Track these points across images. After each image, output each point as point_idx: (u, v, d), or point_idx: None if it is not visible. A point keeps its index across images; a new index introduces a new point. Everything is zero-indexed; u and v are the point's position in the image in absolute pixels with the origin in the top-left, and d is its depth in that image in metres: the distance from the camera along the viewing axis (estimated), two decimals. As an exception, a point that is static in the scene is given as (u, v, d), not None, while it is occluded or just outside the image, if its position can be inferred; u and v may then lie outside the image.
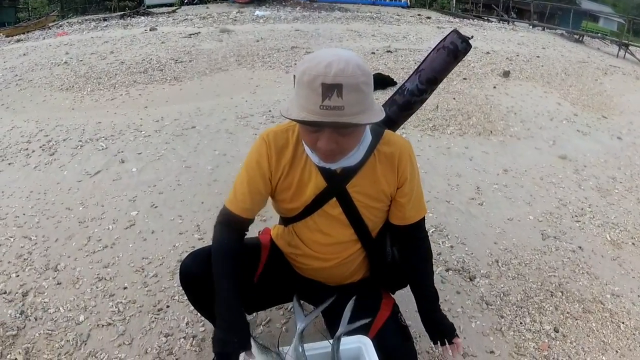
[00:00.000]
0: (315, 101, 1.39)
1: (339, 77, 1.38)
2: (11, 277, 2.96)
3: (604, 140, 6.19)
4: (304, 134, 1.54)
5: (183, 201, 3.89)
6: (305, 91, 1.41)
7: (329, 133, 1.46)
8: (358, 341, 1.65)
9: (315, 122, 1.41)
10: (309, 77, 1.39)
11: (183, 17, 17.86)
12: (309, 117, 1.40)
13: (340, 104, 1.38)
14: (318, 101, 1.38)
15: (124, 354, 2.39)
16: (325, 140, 1.47)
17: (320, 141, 1.48)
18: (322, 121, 1.39)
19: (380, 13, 21.26)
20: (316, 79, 1.38)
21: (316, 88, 1.38)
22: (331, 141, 1.47)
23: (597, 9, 32.24)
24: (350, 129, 1.47)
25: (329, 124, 1.41)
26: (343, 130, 1.47)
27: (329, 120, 1.38)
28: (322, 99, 1.38)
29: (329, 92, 1.38)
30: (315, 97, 1.38)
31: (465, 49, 2.22)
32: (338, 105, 1.38)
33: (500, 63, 9.89)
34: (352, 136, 1.51)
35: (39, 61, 9.58)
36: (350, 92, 1.38)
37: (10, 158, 4.74)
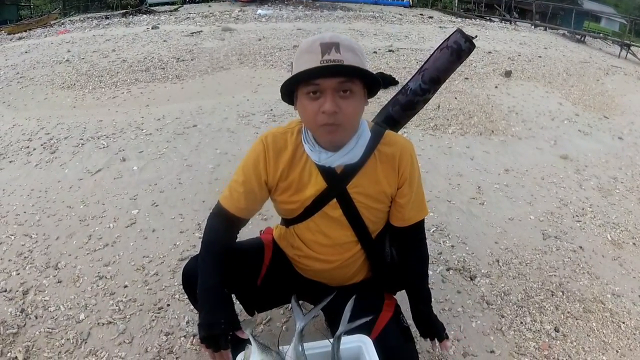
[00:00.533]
0: (315, 59, 1.46)
1: (335, 38, 1.50)
2: (12, 275, 2.96)
3: (606, 141, 6.18)
4: (306, 105, 1.53)
5: (184, 200, 3.89)
6: (304, 56, 1.49)
7: (331, 93, 1.48)
8: (358, 340, 1.64)
9: (318, 69, 1.45)
10: (307, 44, 1.51)
11: (185, 16, 17.85)
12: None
13: (339, 57, 1.46)
14: (318, 58, 1.46)
15: (124, 353, 2.39)
16: (329, 100, 1.48)
17: (325, 103, 1.48)
18: (326, 65, 1.45)
19: (382, 12, 21.24)
20: (314, 43, 1.49)
21: (315, 49, 1.47)
22: (334, 103, 1.48)
23: (599, 10, 32.17)
24: (349, 91, 1.50)
25: (330, 67, 1.45)
26: (342, 92, 1.50)
27: (327, 66, 1.45)
28: (322, 55, 1.46)
29: (327, 49, 1.46)
30: (315, 56, 1.46)
31: (469, 48, 2.21)
32: (337, 59, 1.46)
33: (502, 63, 9.89)
34: (352, 100, 1.52)
35: (41, 59, 9.58)
36: (347, 50, 1.48)
37: (11, 156, 4.75)
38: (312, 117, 1.53)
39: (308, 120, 1.57)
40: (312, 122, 1.55)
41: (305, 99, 1.52)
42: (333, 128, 1.53)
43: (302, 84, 1.52)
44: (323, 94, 1.49)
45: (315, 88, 1.48)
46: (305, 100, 1.53)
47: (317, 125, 1.54)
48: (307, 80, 1.49)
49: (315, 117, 1.52)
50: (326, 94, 1.48)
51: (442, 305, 2.80)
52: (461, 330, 2.62)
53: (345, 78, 1.48)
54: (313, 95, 1.50)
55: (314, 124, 1.55)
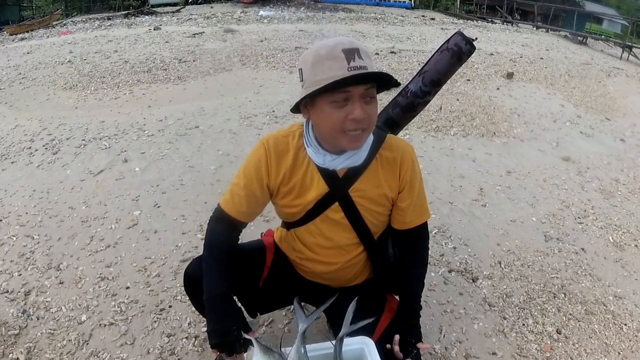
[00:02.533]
0: (341, 66, 1.45)
1: (354, 44, 1.50)
2: (13, 276, 2.96)
3: (607, 142, 6.17)
4: (331, 113, 1.50)
5: (186, 201, 3.89)
6: (327, 62, 1.47)
7: (359, 100, 1.48)
8: (361, 342, 1.64)
9: (351, 78, 1.43)
10: (327, 50, 1.48)
11: (187, 17, 17.90)
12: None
13: (363, 64, 1.46)
14: (344, 65, 1.45)
15: (126, 354, 2.39)
16: (358, 108, 1.48)
17: (354, 111, 1.47)
18: (359, 73, 1.44)
19: (384, 14, 21.30)
20: (335, 48, 1.47)
21: (337, 54, 1.46)
22: (363, 109, 1.48)
23: (601, 11, 32.16)
24: (373, 96, 1.52)
25: (365, 75, 1.45)
26: (368, 98, 1.50)
27: (361, 74, 1.45)
28: (348, 62, 1.45)
29: (351, 55, 1.46)
30: (340, 62, 1.45)
31: (469, 50, 2.21)
32: (363, 65, 1.46)
33: (504, 64, 9.89)
34: (374, 105, 1.54)
35: (43, 60, 9.61)
36: (365, 56, 1.49)
37: (14, 157, 4.75)
38: (339, 125, 1.50)
39: (333, 128, 1.52)
40: (336, 129, 1.52)
41: (329, 107, 1.49)
42: (358, 135, 1.53)
43: (326, 93, 1.48)
44: (350, 101, 1.48)
45: (345, 96, 1.47)
46: (329, 109, 1.50)
47: (343, 132, 1.52)
48: (337, 88, 1.46)
49: (343, 124, 1.50)
50: (354, 101, 1.47)
51: (444, 307, 2.80)
52: (463, 332, 2.61)
53: (371, 84, 1.49)
54: (342, 103, 1.48)
55: (339, 131, 1.52)
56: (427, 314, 2.72)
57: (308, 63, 1.52)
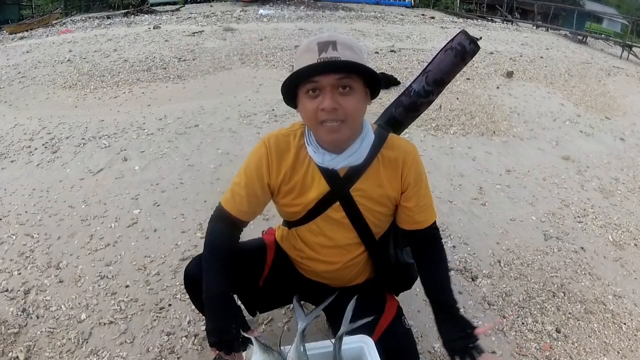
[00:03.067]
0: (312, 57, 1.47)
1: (333, 37, 1.51)
2: (13, 274, 2.96)
3: (607, 141, 6.18)
4: (306, 103, 1.52)
5: (186, 200, 3.89)
6: (303, 56, 1.49)
7: (330, 90, 1.48)
8: (360, 341, 1.64)
9: (314, 66, 1.45)
10: (305, 44, 1.52)
11: (187, 16, 17.88)
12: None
13: (336, 55, 1.46)
14: (315, 57, 1.46)
15: (125, 353, 2.39)
16: (328, 97, 1.47)
17: (324, 100, 1.48)
18: (322, 62, 1.45)
19: (384, 13, 21.28)
20: (311, 42, 1.50)
21: (312, 48, 1.48)
22: (333, 99, 1.47)
23: (601, 10, 32.15)
24: (348, 86, 1.49)
25: (327, 63, 1.45)
26: (341, 88, 1.49)
27: (323, 62, 1.46)
28: (319, 54, 1.46)
29: (324, 47, 1.47)
30: (312, 55, 1.47)
31: (473, 50, 2.20)
32: (335, 56, 1.46)
33: (504, 63, 9.88)
34: (351, 97, 1.51)
35: (42, 59, 9.59)
36: (345, 48, 1.48)
37: (13, 155, 4.75)
38: (312, 115, 1.52)
39: (309, 119, 1.55)
40: (312, 121, 1.54)
41: (305, 98, 1.52)
42: (335, 126, 1.51)
43: (301, 84, 1.51)
44: (322, 92, 1.48)
45: (314, 86, 1.48)
46: (305, 100, 1.52)
47: (317, 123, 1.53)
48: (306, 78, 1.48)
49: (315, 114, 1.51)
50: (325, 91, 1.48)
51: (444, 306, 2.80)
52: (462, 331, 2.61)
53: (343, 74, 1.47)
54: (312, 94, 1.49)
55: (314, 122, 1.53)
56: (427, 312, 2.72)
57: (295, 58, 1.56)
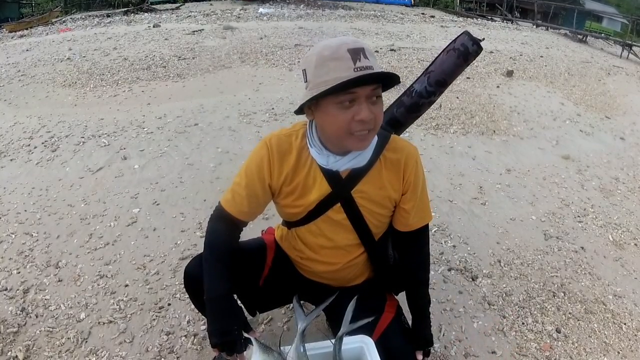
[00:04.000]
0: (347, 66, 1.42)
1: (358, 43, 1.48)
2: (12, 273, 2.96)
3: (607, 141, 6.17)
4: (337, 114, 1.48)
5: (185, 199, 3.89)
6: (331, 63, 1.44)
7: (365, 101, 1.46)
8: (360, 341, 1.64)
9: (357, 78, 1.41)
10: (331, 50, 1.45)
11: (186, 14, 17.88)
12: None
13: (369, 64, 1.44)
14: (350, 65, 1.42)
15: (124, 352, 2.38)
16: (365, 109, 1.46)
17: (361, 112, 1.46)
18: (366, 74, 1.42)
19: (384, 11, 21.29)
20: (340, 48, 1.44)
21: (343, 55, 1.43)
22: (370, 110, 1.46)
23: (601, 9, 32.11)
24: (379, 97, 1.50)
25: (373, 75, 1.43)
26: (375, 98, 1.49)
27: (368, 74, 1.42)
28: (354, 62, 1.42)
29: (356, 55, 1.44)
30: (346, 63, 1.43)
31: (476, 51, 2.19)
32: (369, 65, 1.44)
33: (504, 62, 9.88)
34: (380, 105, 1.52)
35: (42, 57, 9.59)
36: (370, 55, 1.47)
37: (12, 154, 4.74)
38: (345, 126, 1.48)
39: (339, 129, 1.50)
40: (343, 131, 1.50)
41: (335, 108, 1.47)
42: (365, 135, 1.51)
43: (332, 94, 1.46)
44: (356, 102, 1.46)
45: (351, 97, 1.45)
46: (335, 110, 1.48)
47: (350, 134, 1.50)
48: (344, 89, 1.44)
49: (349, 125, 1.48)
50: (361, 102, 1.46)
51: (444, 306, 2.80)
52: (462, 331, 2.61)
53: (377, 84, 1.47)
54: (348, 104, 1.46)
55: (344, 132, 1.50)
56: (427, 312, 2.72)
57: (312, 64, 1.49)
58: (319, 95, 1.46)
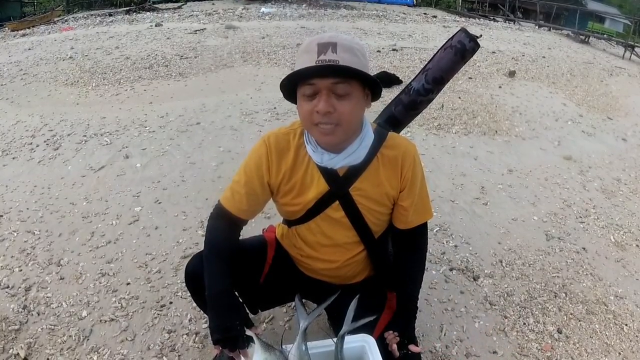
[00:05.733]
0: (310, 59, 1.45)
1: (334, 38, 1.48)
2: (14, 271, 2.96)
3: (609, 142, 6.17)
4: (302, 105, 1.52)
5: (187, 197, 3.89)
6: (302, 56, 1.49)
7: (325, 94, 1.47)
8: (362, 340, 1.64)
9: (311, 69, 1.44)
10: (305, 44, 1.51)
11: (189, 13, 17.86)
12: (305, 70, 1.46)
13: (334, 57, 1.44)
14: (313, 58, 1.45)
15: (126, 350, 2.39)
16: (323, 100, 1.47)
17: (319, 103, 1.47)
18: (319, 65, 1.44)
19: (386, 11, 21.26)
20: (312, 42, 1.48)
21: (312, 48, 1.47)
22: (328, 103, 1.47)
23: (604, 10, 32.12)
24: (345, 91, 1.48)
25: (325, 67, 1.44)
26: (339, 93, 1.48)
27: (320, 65, 1.45)
28: (318, 55, 1.45)
29: (324, 49, 1.45)
30: (311, 56, 1.46)
31: (473, 48, 2.20)
32: (333, 59, 1.44)
33: (506, 63, 9.87)
34: (348, 101, 1.50)
35: (44, 56, 9.59)
36: (344, 50, 1.46)
37: (15, 152, 4.75)
38: (307, 116, 1.52)
39: (304, 120, 1.56)
40: (307, 122, 1.54)
41: (302, 99, 1.52)
42: (329, 129, 1.51)
43: (299, 84, 1.51)
44: (319, 94, 1.48)
45: (310, 88, 1.48)
46: (302, 101, 1.53)
47: (312, 125, 1.53)
48: (303, 80, 1.49)
49: (310, 116, 1.51)
50: (321, 94, 1.47)
51: (445, 306, 2.80)
52: (464, 331, 2.61)
53: (340, 79, 1.47)
54: (309, 96, 1.49)
55: (309, 123, 1.54)
56: (428, 312, 2.72)
57: (296, 57, 1.55)
58: (282, 83, 1.54)
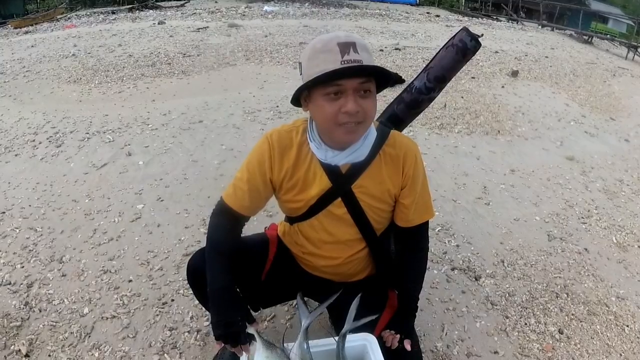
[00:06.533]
0: (335, 59, 1.45)
1: (351, 37, 1.49)
2: (16, 268, 2.97)
3: (612, 142, 6.16)
4: (324, 105, 1.51)
5: (189, 195, 3.89)
6: (321, 55, 1.47)
7: (352, 94, 1.48)
8: (363, 339, 1.64)
9: (342, 70, 1.44)
10: (322, 43, 1.49)
11: (191, 11, 17.86)
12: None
13: (358, 57, 1.46)
14: (338, 58, 1.45)
15: (127, 347, 2.39)
16: (351, 101, 1.47)
17: (347, 104, 1.47)
18: (350, 66, 1.44)
19: (389, 10, 21.24)
20: (330, 42, 1.47)
21: (332, 48, 1.46)
22: (357, 103, 1.48)
23: (607, 11, 32.02)
24: (368, 91, 1.51)
25: (355, 68, 1.45)
26: (363, 92, 1.50)
27: (351, 66, 1.44)
28: (342, 55, 1.45)
29: (346, 49, 1.46)
30: (334, 56, 1.45)
31: (475, 47, 2.19)
32: (357, 59, 1.45)
33: (509, 62, 9.85)
34: (370, 100, 1.52)
35: (47, 53, 9.60)
36: (362, 50, 1.48)
37: (17, 149, 4.76)
38: (332, 117, 1.51)
39: (326, 120, 1.53)
40: (330, 122, 1.52)
41: (323, 99, 1.50)
42: (354, 127, 1.52)
43: (320, 85, 1.50)
44: (344, 94, 1.48)
45: (336, 89, 1.47)
46: (323, 101, 1.50)
47: (337, 125, 1.52)
48: (329, 81, 1.47)
49: (336, 117, 1.50)
50: (347, 94, 1.47)
51: (447, 305, 2.80)
52: (465, 331, 2.61)
53: (366, 78, 1.48)
54: (334, 96, 1.49)
55: (333, 123, 1.52)
56: (430, 311, 2.72)
57: (306, 57, 1.54)
58: (305, 86, 1.52)
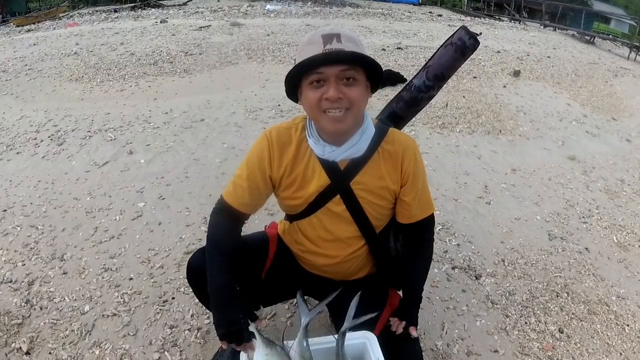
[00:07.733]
0: (317, 49, 1.50)
1: (336, 30, 1.55)
2: (17, 265, 2.98)
3: (613, 142, 6.16)
4: (309, 93, 1.54)
5: (191, 193, 3.90)
6: (306, 48, 1.52)
7: (334, 81, 1.50)
8: (363, 337, 1.65)
9: (320, 56, 1.48)
10: (309, 37, 1.55)
11: (194, 10, 17.85)
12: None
13: (340, 47, 1.49)
14: (320, 48, 1.50)
15: (128, 345, 2.40)
16: (332, 88, 1.50)
17: (329, 90, 1.50)
18: (328, 52, 1.48)
19: (391, 10, 21.22)
20: (315, 34, 1.53)
21: (317, 40, 1.51)
22: (337, 89, 1.50)
23: (609, 11, 31.99)
24: (352, 79, 1.52)
25: (332, 54, 1.48)
26: (346, 79, 1.51)
27: (329, 52, 1.49)
28: (324, 45, 1.49)
29: (329, 39, 1.50)
30: (317, 47, 1.50)
31: (473, 45, 2.20)
32: (339, 48, 1.49)
33: (511, 62, 9.83)
34: (356, 87, 1.54)
35: (49, 51, 9.59)
36: (347, 40, 1.51)
37: (19, 147, 4.76)
38: (316, 105, 1.54)
39: (312, 108, 1.57)
40: (315, 110, 1.56)
41: (308, 89, 1.54)
42: (340, 115, 1.53)
43: (305, 75, 1.53)
44: (326, 82, 1.51)
45: (318, 77, 1.50)
46: (308, 91, 1.54)
47: (321, 112, 1.55)
48: (310, 69, 1.50)
49: (319, 104, 1.53)
50: (329, 82, 1.50)
51: (447, 304, 2.80)
52: (465, 329, 2.62)
53: (348, 66, 1.50)
54: (316, 84, 1.52)
55: (317, 110, 1.55)
56: (430, 310, 2.72)
57: (297, 52, 1.59)
58: (289, 76, 1.56)
